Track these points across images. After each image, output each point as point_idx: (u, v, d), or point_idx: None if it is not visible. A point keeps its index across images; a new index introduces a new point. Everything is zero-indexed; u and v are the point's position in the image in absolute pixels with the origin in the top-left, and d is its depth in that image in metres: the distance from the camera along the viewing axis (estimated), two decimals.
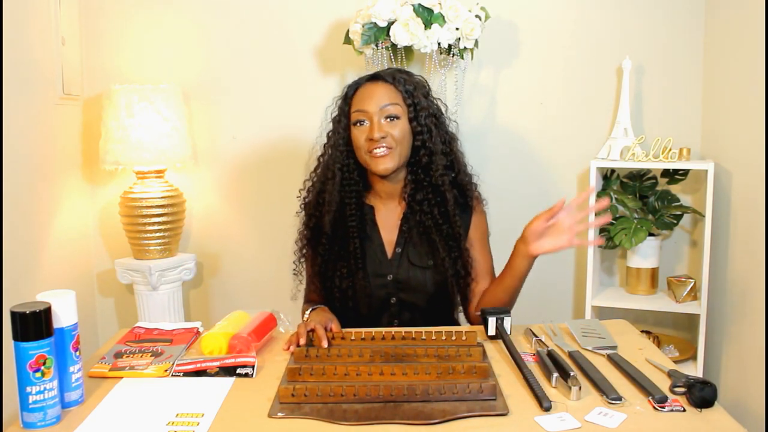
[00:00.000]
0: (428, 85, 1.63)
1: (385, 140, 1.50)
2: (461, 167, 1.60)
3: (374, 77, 1.56)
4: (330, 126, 1.61)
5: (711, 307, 2.06)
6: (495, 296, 1.52)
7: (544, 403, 1.04)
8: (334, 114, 1.59)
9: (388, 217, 1.61)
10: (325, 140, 1.62)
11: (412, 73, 1.61)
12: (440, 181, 1.54)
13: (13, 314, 1.01)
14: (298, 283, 1.66)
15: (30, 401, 1.02)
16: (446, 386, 1.08)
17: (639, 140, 2.06)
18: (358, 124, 1.53)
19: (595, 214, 1.63)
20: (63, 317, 1.07)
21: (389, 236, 1.59)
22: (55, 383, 1.04)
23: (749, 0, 1.87)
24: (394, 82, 1.54)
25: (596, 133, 2.24)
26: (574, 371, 1.14)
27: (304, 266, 1.65)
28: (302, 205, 1.65)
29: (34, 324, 1.01)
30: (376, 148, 1.50)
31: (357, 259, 1.55)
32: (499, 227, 1.77)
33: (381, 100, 1.51)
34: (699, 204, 2.18)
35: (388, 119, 1.51)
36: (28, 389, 1.02)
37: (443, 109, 1.62)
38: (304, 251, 1.63)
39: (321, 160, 1.62)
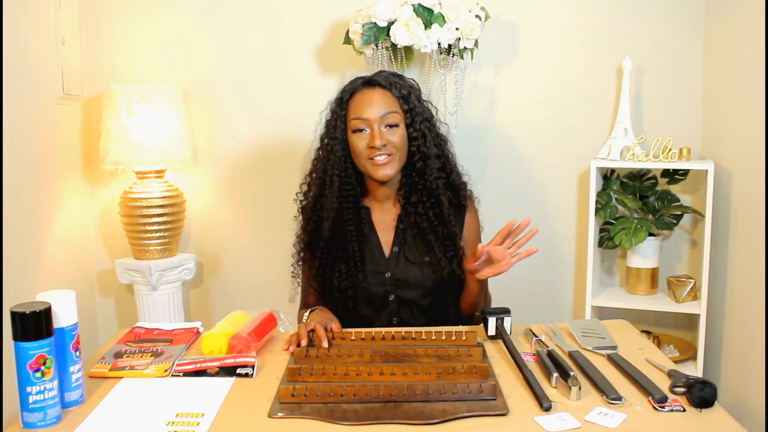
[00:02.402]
0: (419, 88, 1.65)
1: (386, 148, 1.52)
2: (453, 168, 1.63)
3: (370, 83, 1.57)
4: (324, 129, 1.61)
5: (711, 307, 2.06)
6: (465, 310, 1.60)
7: (544, 403, 1.04)
8: (329, 118, 1.60)
9: (384, 218, 1.63)
10: (318, 143, 1.63)
11: (403, 76, 1.64)
12: (434, 184, 1.57)
13: (13, 314, 1.01)
14: (296, 285, 1.67)
15: (30, 401, 1.02)
16: (446, 386, 1.08)
17: (639, 140, 2.06)
18: (358, 132, 1.54)
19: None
20: (63, 317, 1.07)
21: (386, 236, 1.62)
22: (55, 383, 1.04)
23: (749, 0, 1.87)
24: (391, 88, 1.56)
25: (596, 133, 2.24)
26: (574, 371, 1.14)
27: (302, 270, 1.66)
28: (300, 209, 1.66)
29: (34, 324, 1.01)
30: (377, 156, 1.52)
31: (356, 260, 1.57)
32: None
33: (381, 108, 1.53)
34: (699, 204, 2.18)
35: (388, 127, 1.53)
36: (28, 389, 1.02)
37: (434, 112, 1.65)
38: (302, 254, 1.64)
39: (316, 164, 1.63)
